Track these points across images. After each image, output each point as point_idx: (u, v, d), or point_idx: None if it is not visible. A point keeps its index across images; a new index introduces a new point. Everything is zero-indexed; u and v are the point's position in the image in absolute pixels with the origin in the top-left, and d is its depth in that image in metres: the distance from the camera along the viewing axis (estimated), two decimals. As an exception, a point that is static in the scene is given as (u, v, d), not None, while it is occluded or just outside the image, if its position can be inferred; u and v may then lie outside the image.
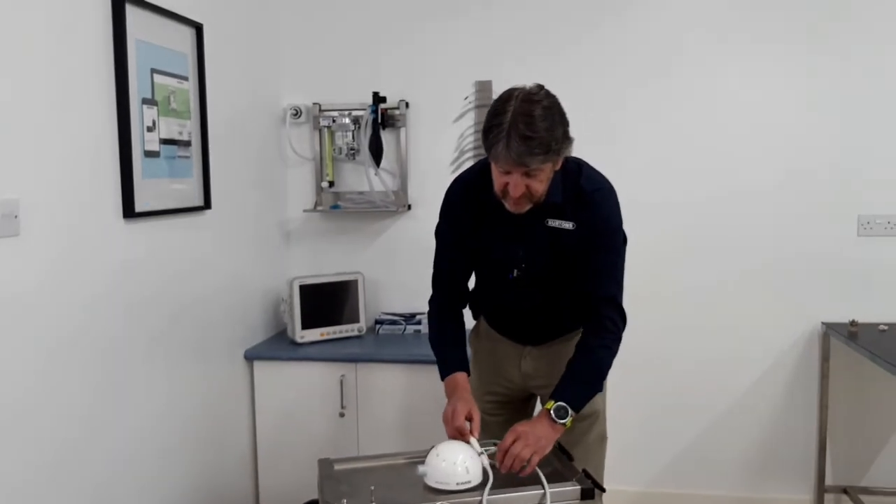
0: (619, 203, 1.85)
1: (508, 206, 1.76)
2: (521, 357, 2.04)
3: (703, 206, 2.96)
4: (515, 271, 1.88)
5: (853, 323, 2.77)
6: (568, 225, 1.82)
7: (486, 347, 2.12)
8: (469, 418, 1.77)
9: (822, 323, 2.93)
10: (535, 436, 1.67)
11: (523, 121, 1.60)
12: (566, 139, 1.70)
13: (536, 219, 1.82)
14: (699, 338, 3.00)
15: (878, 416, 2.96)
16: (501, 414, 2.10)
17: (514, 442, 1.65)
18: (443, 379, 1.94)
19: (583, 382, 1.80)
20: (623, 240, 1.87)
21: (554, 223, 1.82)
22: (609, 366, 1.84)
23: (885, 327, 2.80)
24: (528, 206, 1.76)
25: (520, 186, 1.69)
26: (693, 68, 2.93)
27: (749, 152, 2.93)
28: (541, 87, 1.69)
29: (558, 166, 1.76)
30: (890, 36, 2.82)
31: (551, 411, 1.71)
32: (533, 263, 1.87)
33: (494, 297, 2.04)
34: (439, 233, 2.03)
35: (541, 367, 2.02)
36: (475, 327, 2.20)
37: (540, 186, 1.72)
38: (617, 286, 1.85)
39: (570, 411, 1.72)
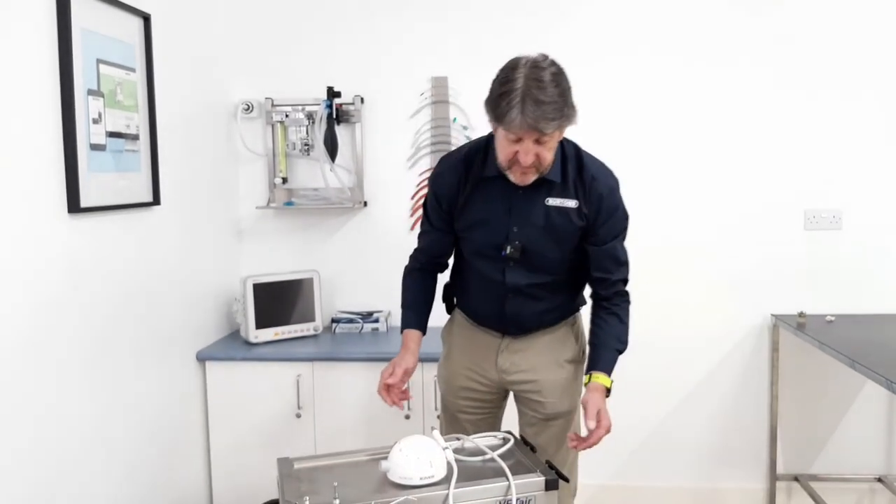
0: None
1: (514, 177, 1.76)
2: (498, 351, 2.00)
3: (654, 204, 3.00)
4: (509, 248, 1.84)
5: (801, 314, 2.84)
6: (571, 203, 1.82)
7: (461, 341, 2.07)
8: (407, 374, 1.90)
9: (772, 315, 3.00)
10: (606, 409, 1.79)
11: (535, 86, 1.60)
12: (573, 106, 1.68)
13: (534, 197, 1.82)
14: (652, 332, 3.03)
15: (826, 404, 3.04)
16: (476, 412, 2.06)
17: (599, 418, 1.75)
18: (401, 333, 2.01)
19: (616, 350, 1.89)
20: None
21: (554, 202, 1.82)
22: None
23: (832, 318, 2.88)
24: (533, 178, 1.76)
25: (530, 154, 1.68)
26: (642, 71, 2.96)
27: (698, 152, 2.98)
28: (545, 55, 1.68)
29: (562, 136, 1.78)
30: (830, 34, 2.91)
31: (609, 389, 1.84)
32: (527, 241, 1.84)
33: (479, 279, 1.97)
34: (425, 207, 2.02)
35: (518, 362, 1.98)
36: (448, 323, 2.15)
37: (549, 155, 1.72)
38: (628, 269, 1.95)
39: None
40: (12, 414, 1.74)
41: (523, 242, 1.84)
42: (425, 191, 3.00)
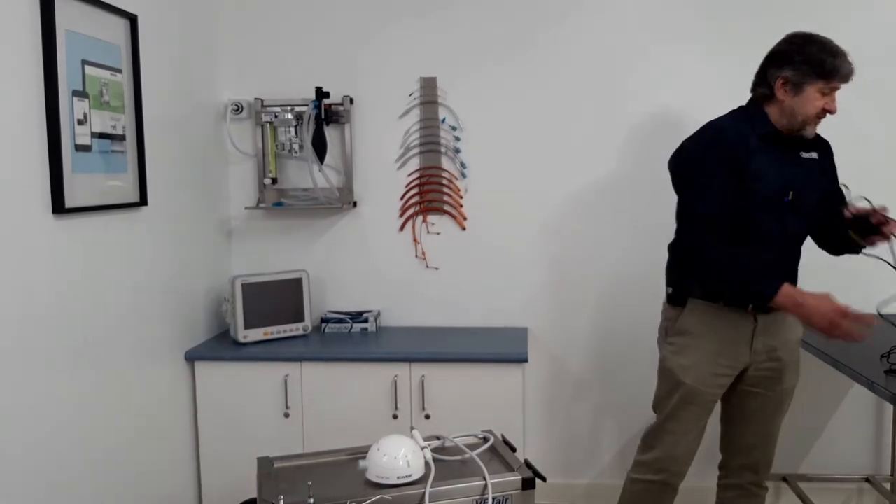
0: None
1: (809, 131, 2.10)
2: (753, 334, 2.14)
3: (635, 202, 3.00)
4: (791, 193, 2.09)
5: (789, 314, 2.84)
6: (814, 154, 2.17)
7: (707, 330, 2.15)
8: None
9: (760, 315, 3.00)
10: None
11: (837, 48, 2.02)
12: None
13: (794, 150, 2.14)
14: (639, 330, 3.04)
15: (814, 404, 3.04)
16: (717, 399, 2.23)
17: None
18: (772, 296, 2.01)
19: None
20: None
21: (805, 155, 2.15)
22: None
23: (820, 318, 2.87)
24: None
25: (836, 102, 2.06)
26: (633, 71, 2.96)
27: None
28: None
29: None
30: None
31: None
32: (799, 188, 2.11)
33: (753, 241, 2.09)
34: (708, 175, 2.11)
35: (768, 342, 2.16)
36: (680, 315, 2.20)
37: None
38: None
39: None
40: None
41: (796, 189, 2.10)
42: (415, 191, 3.07)
